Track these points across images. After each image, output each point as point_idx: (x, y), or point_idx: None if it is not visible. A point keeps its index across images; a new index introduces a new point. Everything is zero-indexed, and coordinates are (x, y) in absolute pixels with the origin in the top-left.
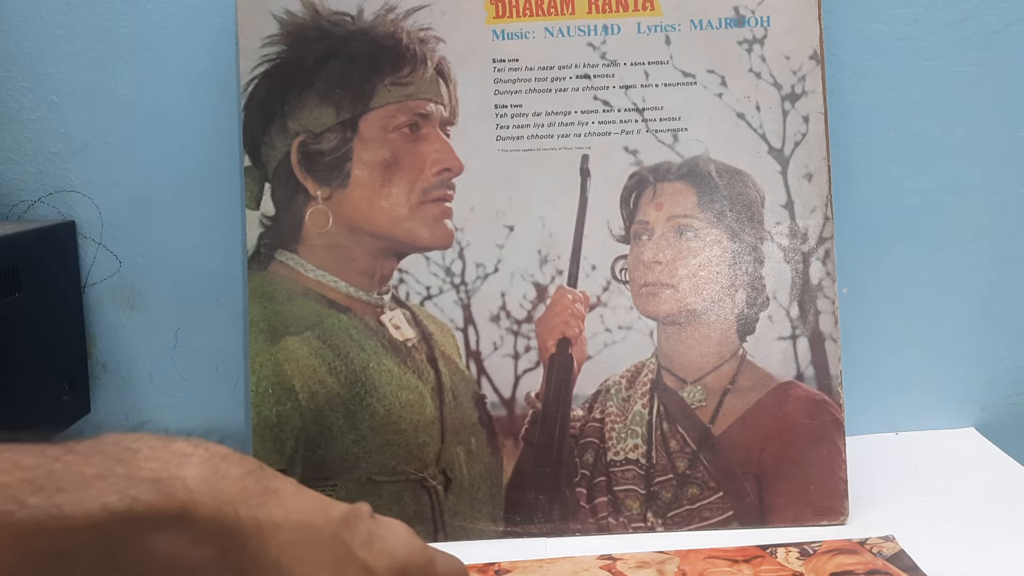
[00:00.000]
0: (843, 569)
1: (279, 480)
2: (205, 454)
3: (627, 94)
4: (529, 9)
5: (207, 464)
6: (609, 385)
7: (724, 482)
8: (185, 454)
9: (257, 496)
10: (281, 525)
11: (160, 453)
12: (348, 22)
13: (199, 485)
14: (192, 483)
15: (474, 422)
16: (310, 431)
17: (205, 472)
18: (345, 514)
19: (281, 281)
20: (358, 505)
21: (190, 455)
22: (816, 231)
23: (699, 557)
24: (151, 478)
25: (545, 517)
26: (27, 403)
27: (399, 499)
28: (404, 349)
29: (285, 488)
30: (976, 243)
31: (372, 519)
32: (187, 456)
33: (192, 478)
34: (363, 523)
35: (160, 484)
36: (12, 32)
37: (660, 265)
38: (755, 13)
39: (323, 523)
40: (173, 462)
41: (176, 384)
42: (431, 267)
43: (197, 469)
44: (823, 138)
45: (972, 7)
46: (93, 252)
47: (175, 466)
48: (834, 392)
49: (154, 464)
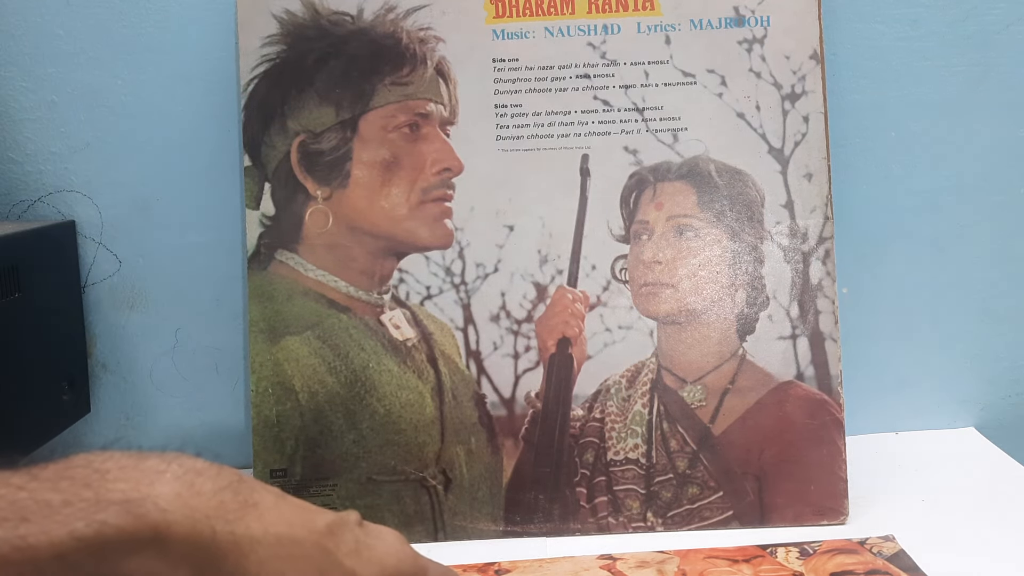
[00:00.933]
0: (843, 569)
1: (259, 492)
2: (179, 470)
3: (627, 94)
4: (529, 9)
5: (180, 480)
6: (609, 385)
7: (724, 482)
8: (157, 471)
9: (234, 511)
10: (260, 540)
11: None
12: (348, 22)
13: (172, 503)
14: (165, 502)
15: (474, 422)
16: (310, 431)
17: (179, 489)
18: (330, 524)
19: (281, 281)
20: (345, 513)
21: (163, 472)
22: (816, 231)
23: (699, 557)
24: (121, 500)
25: (545, 517)
26: (27, 403)
27: (399, 499)
28: (404, 349)
29: (265, 500)
30: (976, 243)
31: (360, 527)
32: (159, 474)
33: (165, 496)
34: (350, 532)
35: (130, 505)
36: (12, 32)
37: (660, 265)
38: (755, 13)
39: (305, 535)
40: (144, 481)
41: (176, 384)
42: (431, 267)
43: (170, 486)
44: (823, 138)
45: (972, 7)
46: (93, 252)
47: (146, 485)
48: (834, 392)
49: (124, 485)
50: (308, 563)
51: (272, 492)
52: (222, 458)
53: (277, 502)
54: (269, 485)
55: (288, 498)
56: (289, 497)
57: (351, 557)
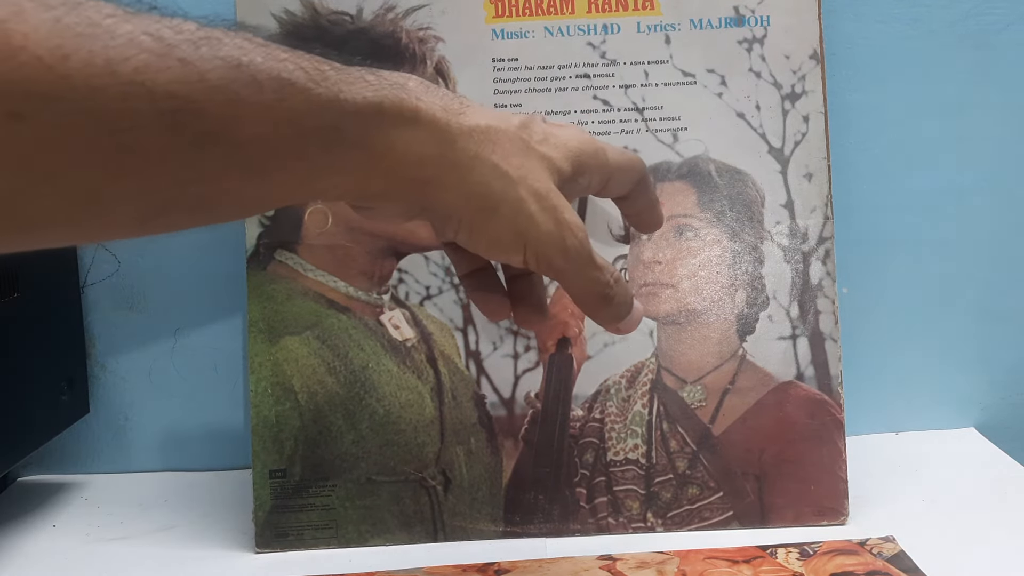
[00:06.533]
0: (843, 570)
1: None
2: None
3: (627, 93)
4: (529, 8)
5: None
6: (609, 385)
7: (724, 482)
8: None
9: (457, 108)
10: (476, 128)
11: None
12: (347, 21)
13: (423, 95)
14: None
15: (474, 422)
16: (309, 431)
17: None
18: (522, 120)
19: (280, 281)
20: (532, 114)
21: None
22: (816, 231)
23: (699, 557)
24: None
25: (545, 517)
26: (26, 403)
27: (398, 499)
28: (404, 349)
29: (473, 104)
30: (976, 243)
31: (544, 121)
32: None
33: (416, 90)
34: (538, 124)
35: (400, 90)
36: None
37: (660, 265)
38: (755, 12)
39: (506, 126)
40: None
41: (175, 384)
42: (431, 267)
43: (417, 85)
44: (823, 138)
45: (972, 7)
46: (92, 252)
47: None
48: (834, 392)
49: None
50: (512, 144)
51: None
52: (221, 458)
53: (481, 106)
54: None
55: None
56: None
57: (542, 144)
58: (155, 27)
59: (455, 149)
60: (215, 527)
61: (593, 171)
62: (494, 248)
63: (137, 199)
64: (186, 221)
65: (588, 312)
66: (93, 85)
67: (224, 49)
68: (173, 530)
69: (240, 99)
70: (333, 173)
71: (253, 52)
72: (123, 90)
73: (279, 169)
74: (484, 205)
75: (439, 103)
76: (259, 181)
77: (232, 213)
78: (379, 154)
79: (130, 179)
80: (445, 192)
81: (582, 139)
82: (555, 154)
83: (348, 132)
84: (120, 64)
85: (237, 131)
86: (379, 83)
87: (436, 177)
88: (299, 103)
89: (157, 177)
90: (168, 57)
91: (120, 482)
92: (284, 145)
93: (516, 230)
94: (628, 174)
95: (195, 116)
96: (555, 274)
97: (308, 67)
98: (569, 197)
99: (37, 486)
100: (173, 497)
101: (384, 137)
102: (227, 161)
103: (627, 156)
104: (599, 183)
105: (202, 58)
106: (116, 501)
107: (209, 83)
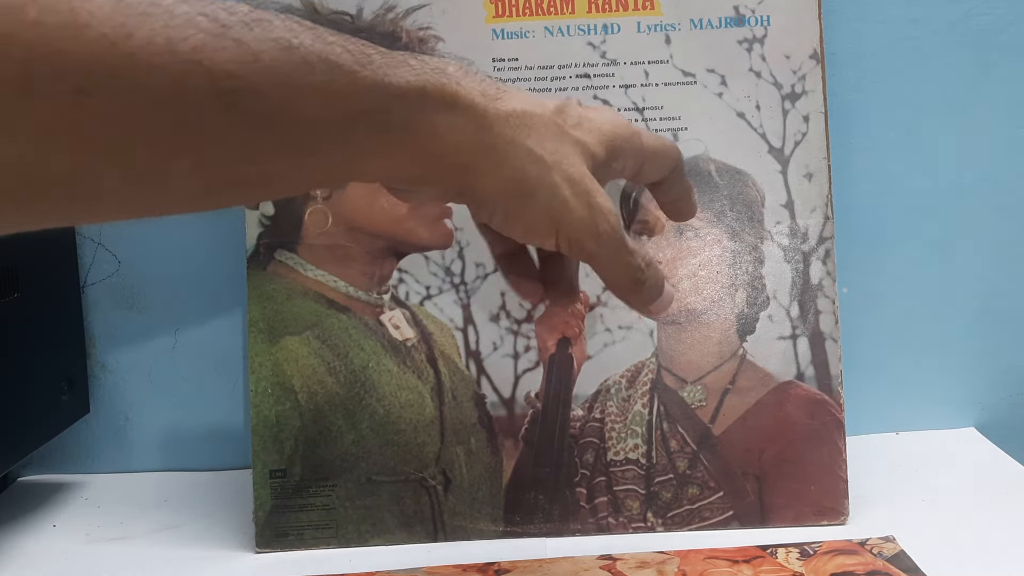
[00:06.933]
0: (843, 570)
1: (503, 85)
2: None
3: (627, 93)
4: (529, 8)
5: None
6: (609, 385)
7: (724, 482)
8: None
9: (494, 93)
10: (512, 112)
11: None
12: (347, 21)
13: (462, 80)
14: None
15: (474, 422)
16: (309, 431)
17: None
18: (557, 105)
19: (280, 281)
20: (568, 99)
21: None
22: (816, 231)
23: (699, 557)
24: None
25: (545, 517)
26: (26, 403)
27: (399, 499)
28: (404, 349)
29: (510, 89)
30: (976, 243)
31: (579, 105)
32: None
33: (456, 76)
34: (572, 109)
35: (441, 75)
36: None
37: (660, 265)
38: (755, 12)
39: (542, 111)
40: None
41: (176, 384)
42: (431, 267)
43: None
44: (823, 138)
45: (972, 7)
46: (92, 252)
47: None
48: (834, 392)
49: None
50: (546, 128)
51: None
52: (221, 458)
53: (518, 91)
54: None
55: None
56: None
57: (576, 129)
58: (210, 8)
59: (492, 134)
60: (215, 527)
61: (627, 155)
62: (529, 233)
63: (193, 176)
64: (235, 199)
65: (620, 295)
66: (154, 63)
67: (275, 31)
68: (173, 530)
69: (292, 80)
70: (378, 155)
71: (303, 34)
72: (183, 68)
73: (328, 150)
74: (520, 191)
75: (478, 88)
76: (308, 161)
77: (278, 193)
78: (423, 138)
79: (186, 156)
80: (482, 178)
81: (617, 123)
82: (589, 139)
83: (395, 115)
84: (179, 43)
85: (290, 112)
86: (421, 67)
87: (473, 163)
88: (346, 85)
89: (212, 155)
90: (224, 37)
91: (120, 482)
92: (334, 127)
93: (550, 216)
94: (663, 160)
95: (252, 96)
96: (587, 258)
97: (354, 50)
98: (603, 181)
99: (37, 486)
100: (173, 497)
101: (427, 121)
102: (279, 143)
103: (663, 142)
104: (633, 168)
105: (256, 39)
106: (116, 501)
107: (263, 64)
